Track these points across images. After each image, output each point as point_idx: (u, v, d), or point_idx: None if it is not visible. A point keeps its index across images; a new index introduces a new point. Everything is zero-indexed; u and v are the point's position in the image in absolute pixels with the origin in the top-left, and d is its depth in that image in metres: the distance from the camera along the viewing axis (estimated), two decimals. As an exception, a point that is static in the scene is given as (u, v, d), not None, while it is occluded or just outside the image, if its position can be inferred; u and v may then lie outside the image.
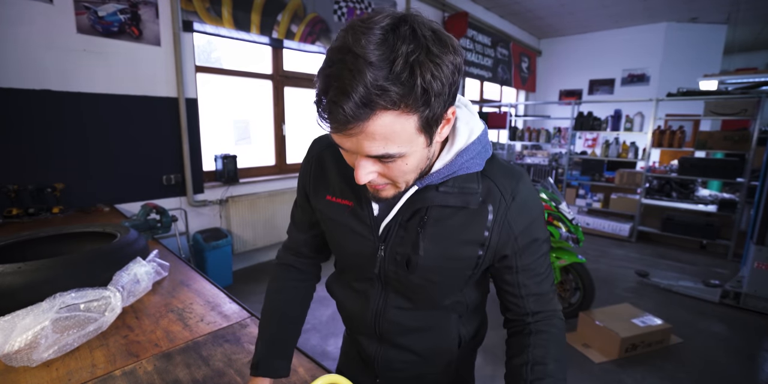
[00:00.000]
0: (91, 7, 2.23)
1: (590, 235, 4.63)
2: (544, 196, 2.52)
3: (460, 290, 0.68)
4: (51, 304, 0.76)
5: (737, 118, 3.93)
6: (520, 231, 0.59)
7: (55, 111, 2.19)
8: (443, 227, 0.59)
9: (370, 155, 0.46)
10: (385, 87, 0.39)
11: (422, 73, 0.40)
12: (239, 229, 3.10)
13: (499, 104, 6.45)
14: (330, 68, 0.41)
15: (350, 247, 0.67)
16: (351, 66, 0.39)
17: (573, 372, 2.01)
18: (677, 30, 6.06)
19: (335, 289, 0.78)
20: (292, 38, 3.29)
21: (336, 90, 0.40)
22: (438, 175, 0.55)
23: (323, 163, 0.67)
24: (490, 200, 0.57)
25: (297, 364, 0.71)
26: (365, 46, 0.39)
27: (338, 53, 0.41)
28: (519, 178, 0.59)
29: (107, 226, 1.20)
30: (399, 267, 0.63)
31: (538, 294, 0.64)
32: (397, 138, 0.44)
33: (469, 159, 0.55)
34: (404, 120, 0.43)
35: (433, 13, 4.86)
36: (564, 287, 2.53)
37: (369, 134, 0.42)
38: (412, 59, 0.39)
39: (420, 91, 0.41)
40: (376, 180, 0.51)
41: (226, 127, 3.25)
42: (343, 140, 0.46)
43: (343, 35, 0.41)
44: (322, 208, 0.68)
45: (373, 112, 0.40)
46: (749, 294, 2.70)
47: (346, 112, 0.40)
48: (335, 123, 0.42)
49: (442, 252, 0.60)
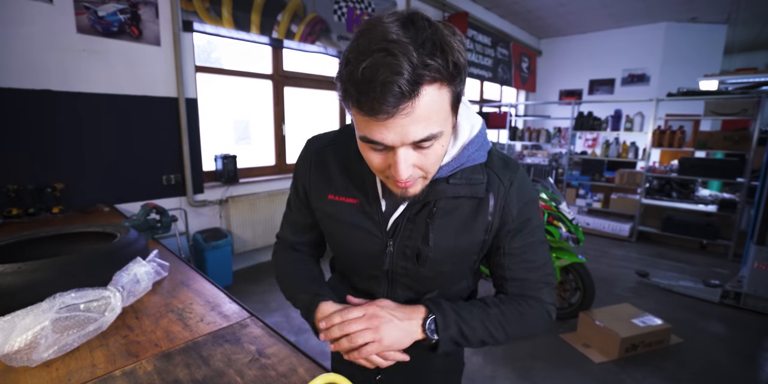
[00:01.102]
0: (91, 7, 2.23)
1: (590, 235, 4.64)
2: (544, 196, 2.51)
3: (465, 278, 0.71)
4: (51, 304, 0.76)
5: (737, 118, 3.93)
6: (516, 213, 0.63)
7: (55, 111, 2.19)
8: (451, 218, 0.61)
9: (416, 141, 0.47)
10: (427, 62, 0.42)
11: (450, 50, 0.44)
12: (239, 229, 3.10)
13: (499, 104, 6.45)
14: (367, 60, 0.42)
15: (356, 246, 0.67)
16: (391, 52, 0.41)
17: (573, 372, 2.01)
18: (677, 30, 6.06)
19: (335, 295, 0.78)
20: (292, 38, 3.29)
21: (385, 73, 0.41)
22: (447, 168, 0.59)
23: (324, 162, 0.67)
24: (492, 188, 0.62)
25: (297, 364, 0.71)
26: (397, 33, 0.42)
27: (370, 46, 0.43)
28: (515, 168, 0.64)
29: (107, 226, 1.20)
30: (408, 261, 0.64)
31: (523, 279, 0.65)
32: (438, 116, 0.47)
33: (474, 151, 0.60)
34: (443, 94, 0.46)
35: (433, 13, 4.87)
36: (564, 287, 2.53)
37: (416, 116, 0.45)
38: (437, 39, 0.43)
39: (452, 66, 0.45)
40: (412, 174, 0.52)
41: (226, 127, 3.25)
42: (387, 131, 0.46)
43: (366, 32, 0.44)
44: (323, 208, 0.68)
45: (421, 86, 0.43)
46: (749, 294, 2.70)
47: (402, 89, 0.42)
48: (388, 106, 0.43)
49: (452, 242, 0.62)
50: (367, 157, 0.53)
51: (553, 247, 2.44)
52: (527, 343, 2.24)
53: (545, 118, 6.74)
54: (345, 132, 0.67)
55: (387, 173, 0.53)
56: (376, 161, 0.52)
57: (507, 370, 2.01)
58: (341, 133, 0.68)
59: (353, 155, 0.62)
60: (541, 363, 2.08)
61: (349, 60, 0.44)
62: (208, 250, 2.76)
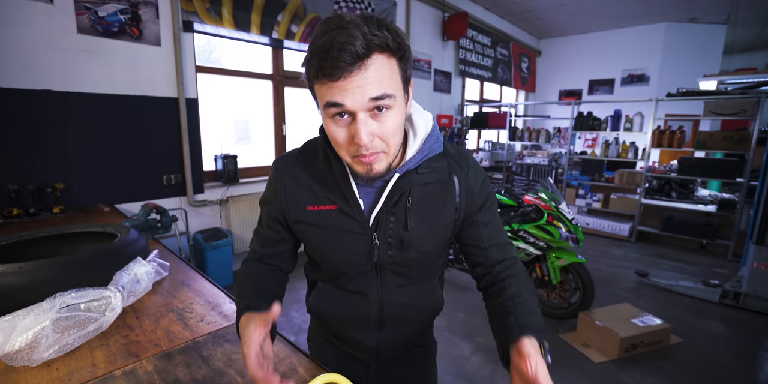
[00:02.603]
0: (92, 8, 2.23)
1: (590, 235, 4.64)
2: (544, 196, 2.51)
3: (440, 257, 0.79)
4: (51, 304, 0.76)
5: (737, 118, 3.93)
6: (479, 189, 0.73)
7: (55, 111, 2.19)
8: (425, 202, 0.69)
9: (372, 97, 0.53)
10: (375, 32, 0.51)
11: (396, 32, 0.54)
12: (239, 229, 3.10)
13: (499, 104, 6.45)
14: (326, 34, 0.51)
15: (341, 247, 0.70)
16: (345, 27, 0.50)
17: (573, 372, 2.01)
18: (677, 30, 6.06)
19: (324, 303, 0.79)
20: (292, 38, 3.29)
21: (341, 39, 0.49)
22: (414, 160, 0.67)
23: (296, 178, 0.71)
24: (455, 173, 0.71)
25: (297, 364, 0.71)
26: (350, 16, 0.52)
27: (329, 26, 0.51)
28: (467, 154, 0.75)
29: (107, 226, 1.20)
30: (393, 249, 0.70)
31: (498, 244, 0.75)
32: (390, 81, 0.55)
33: (432, 143, 0.69)
34: (392, 65, 0.55)
35: (433, 13, 4.87)
36: (564, 287, 2.53)
37: (370, 76, 0.52)
38: (383, 22, 0.53)
39: (396, 44, 0.54)
40: (372, 143, 0.57)
41: (226, 127, 3.25)
42: (345, 93, 0.52)
43: (325, 21, 0.53)
44: (304, 220, 0.70)
45: (373, 51, 0.52)
46: (749, 294, 2.70)
47: (356, 50, 0.50)
48: (345, 63, 0.50)
49: (429, 224, 0.70)
50: (332, 134, 0.58)
51: (553, 247, 2.44)
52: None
53: (545, 118, 6.74)
54: (307, 148, 0.74)
55: (351, 150, 0.58)
56: (340, 135, 0.58)
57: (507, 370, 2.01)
58: (304, 150, 0.74)
59: (322, 166, 0.69)
60: (540, 363, 2.08)
61: (311, 44, 0.53)
62: (208, 250, 2.76)
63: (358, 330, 0.77)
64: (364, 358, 0.83)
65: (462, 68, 5.47)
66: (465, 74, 5.58)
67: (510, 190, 4.98)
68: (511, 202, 2.77)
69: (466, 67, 5.55)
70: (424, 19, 4.76)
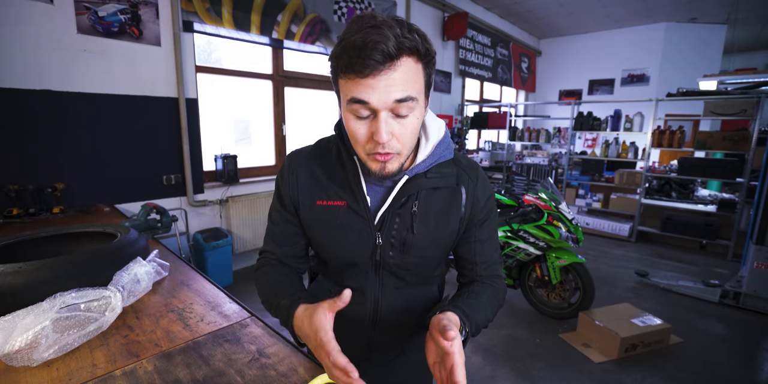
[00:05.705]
0: (92, 8, 2.23)
1: (590, 235, 4.64)
2: (543, 196, 2.51)
3: (441, 263, 0.80)
4: (51, 304, 0.76)
5: (737, 119, 3.93)
6: (484, 203, 0.74)
7: (55, 111, 2.19)
8: (431, 207, 0.70)
9: (397, 99, 0.54)
10: (408, 36, 0.53)
11: (425, 38, 0.55)
12: (239, 229, 3.10)
13: (499, 104, 6.45)
14: (360, 32, 0.51)
15: (347, 243, 0.70)
16: (379, 27, 0.51)
17: (573, 372, 2.01)
18: (677, 30, 6.06)
19: (320, 294, 0.80)
20: (292, 38, 3.29)
21: (375, 38, 0.50)
22: (424, 164, 0.68)
23: (310, 172, 0.71)
24: (463, 183, 0.72)
25: (297, 363, 0.71)
26: (382, 17, 0.53)
27: (363, 24, 0.52)
28: (477, 166, 0.76)
29: (107, 226, 1.20)
30: (395, 250, 0.70)
31: (488, 261, 0.77)
32: (415, 84, 0.56)
33: (443, 149, 0.70)
34: (418, 70, 0.56)
35: (433, 13, 4.87)
36: (564, 287, 2.53)
37: (397, 78, 0.53)
38: (414, 28, 0.55)
39: (425, 49, 0.55)
40: (390, 143, 0.58)
41: (226, 127, 3.25)
42: (372, 91, 0.53)
43: (357, 19, 0.54)
44: (313, 214, 0.71)
45: (403, 53, 0.53)
46: (749, 294, 2.70)
47: (388, 50, 0.51)
48: (376, 61, 0.51)
49: (432, 229, 0.70)
50: (352, 130, 0.59)
51: (553, 247, 2.44)
52: (527, 343, 2.24)
53: (545, 118, 6.74)
54: (321, 145, 0.75)
55: (368, 147, 0.59)
56: (360, 132, 0.58)
57: (507, 370, 2.02)
58: (318, 146, 0.75)
59: (334, 163, 0.70)
60: (540, 363, 2.08)
61: (342, 39, 0.54)
62: (208, 250, 2.76)
63: (350, 325, 0.77)
64: (354, 355, 0.82)
65: (462, 68, 5.47)
66: (465, 74, 5.58)
67: (510, 190, 4.98)
68: (511, 202, 2.77)
69: (466, 67, 5.55)
70: (424, 19, 4.76)
